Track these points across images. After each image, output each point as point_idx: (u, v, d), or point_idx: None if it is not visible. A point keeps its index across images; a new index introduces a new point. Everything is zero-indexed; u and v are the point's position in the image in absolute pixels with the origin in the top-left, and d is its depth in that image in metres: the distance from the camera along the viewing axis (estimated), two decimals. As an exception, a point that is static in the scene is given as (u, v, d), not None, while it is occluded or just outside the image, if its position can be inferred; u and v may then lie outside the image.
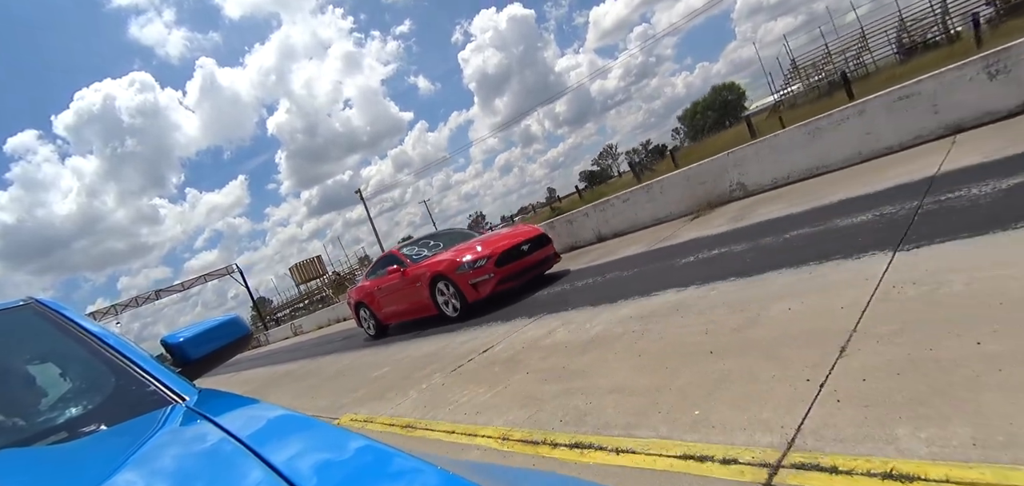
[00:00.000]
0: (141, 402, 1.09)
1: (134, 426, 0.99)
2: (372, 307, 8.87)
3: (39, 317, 1.43)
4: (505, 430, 2.95)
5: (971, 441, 1.54)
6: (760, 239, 5.19)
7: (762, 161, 8.20)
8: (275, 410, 0.95)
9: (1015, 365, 1.78)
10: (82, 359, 1.32)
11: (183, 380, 1.18)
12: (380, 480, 0.63)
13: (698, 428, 2.17)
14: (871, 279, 3.01)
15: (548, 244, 7.91)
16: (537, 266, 7.68)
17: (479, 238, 8.11)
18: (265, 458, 0.67)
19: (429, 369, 5.31)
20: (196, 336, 1.48)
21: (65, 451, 0.95)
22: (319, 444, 0.77)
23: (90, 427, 1.05)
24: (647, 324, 3.86)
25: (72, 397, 1.27)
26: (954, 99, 6.64)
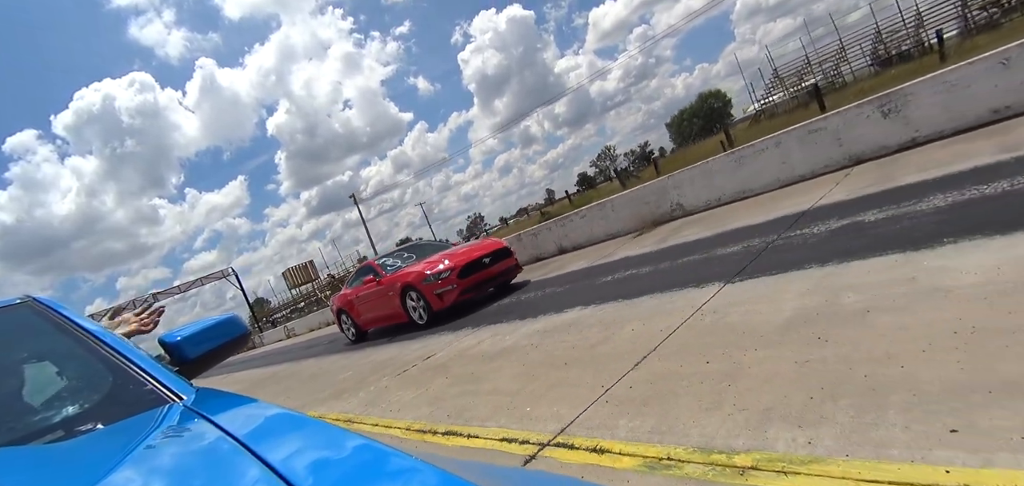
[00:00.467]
0: (138, 401, 1.11)
1: (131, 425, 1.00)
2: (352, 314, 9.66)
3: (36, 315, 1.44)
4: (409, 423, 3.84)
5: (651, 430, 2.42)
6: (662, 263, 6.08)
7: (696, 185, 9.08)
8: (273, 409, 0.96)
9: (710, 380, 2.66)
10: (79, 358, 1.33)
11: (181, 379, 1.19)
12: (379, 480, 0.63)
13: (523, 420, 3.06)
14: (692, 307, 3.89)
15: (509, 257, 8.69)
16: (498, 277, 8.47)
17: (447, 251, 8.86)
18: (263, 457, 0.68)
19: (382, 373, 6.20)
20: (194, 335, 1.50)
21: (62, 450, 0.95)
22: (317, 443, 0.78)
23: (87, 426, 1.06)
24: (544, 338, 4.74)
25: (69, 396, 1.28)
26: (855, 134, 7.52)
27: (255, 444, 0.73)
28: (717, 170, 8.81)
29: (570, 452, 2.48)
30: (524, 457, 2.58)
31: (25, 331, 1.43)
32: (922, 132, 7.08)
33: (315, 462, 0.70)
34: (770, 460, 1.88)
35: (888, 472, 1.62)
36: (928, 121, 7.00)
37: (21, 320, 1.44)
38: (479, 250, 8.49)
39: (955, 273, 2.80)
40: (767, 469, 1.84)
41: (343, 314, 10.01)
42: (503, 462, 2.60)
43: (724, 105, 63.23)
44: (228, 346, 1.58)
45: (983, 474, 1.48)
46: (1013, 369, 1.85)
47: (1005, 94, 6.45)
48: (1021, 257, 2.69)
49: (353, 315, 9.65)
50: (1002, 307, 2.29)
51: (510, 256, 8.74)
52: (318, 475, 0.65)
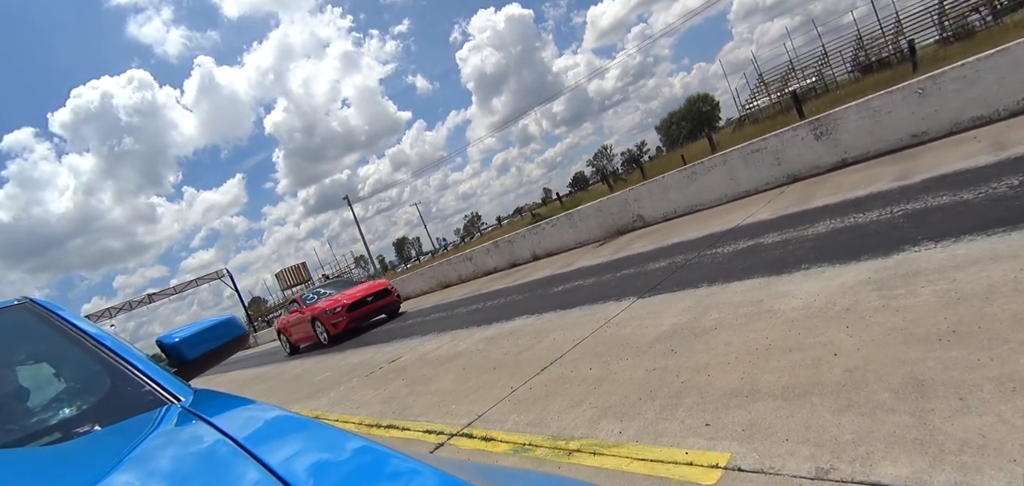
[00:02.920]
0: (136, 402, 1.11)
1: (129, 426, 1.00)
2: (286, 335, 12.81)
3: (33, 317, 1.43)
4: (361, 419, 4.51)
5: (528, 422, 3.09)
6: (605, 275, 6.75)
7: (654, 198, 9.76)
8: (271, 410, 0.96)
9: (585, 382, 3.33)
10: (76, 359, 1.33)
11: (178, 380, 1.19)
12: (378, 481, 0.63)
13: (446, 416, 3.73)
14: (604, 319, 4.57)
15: (389, 295, 11.61)
16: (380, 310, 11.40)
17: (348, 290, 11.65)
18: (261, 459, 0.68)
19: (353, 375, 6.87)
20: (192, 336, 1.50)
21: (59, 452, 0.96)
22: (316, 445, 0.78)
23: (84, 427, 1.06)
24: (489, 345, 5.41)
25: (66, 397, 1.28)
26: (792, 154, 8.20)
27: (253, 446, 0.73)
28: (672, 185, 9.48)
29: (468, 440, 3.16)
30: (434, 445, 3.26)
31: (22, 333, 1.43)
32: (850, 154, 7.76)
33: (314, 464, 0.70)
34: (591, 445, 2.55)
35: (653, 453, 2.29)
36: (856, 144, 7.68)
37: (18, 321, 1.44)
38: (364, 291, 11.33)
39: (789, 298, 3.47)
40: (585, 451, 2.51)
41: (281, 334, 13.14)
42: (416, 449, 3.28)
43: (712, 109, 64.06)
44: (226, 347, 1.59)
45: (705, 455, 2.15)
46: (770, 379, 2.52)
47: (921, 121, 7.14)
48: (837, 287, 3.36)
49: (287, 335, 12.75)
50: (798, 329, 2.96)
51: (390, 294, 11.67)
52: (317, 477, 0.66)
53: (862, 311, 2.88)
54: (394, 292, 11.80)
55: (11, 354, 1.44)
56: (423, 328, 8.56)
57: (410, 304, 14.82)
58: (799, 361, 2.59)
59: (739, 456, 2.05)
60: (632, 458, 2.31)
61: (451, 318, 8.56)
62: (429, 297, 14.44)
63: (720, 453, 2.11)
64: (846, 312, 2.95)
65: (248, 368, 14.50)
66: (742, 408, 2.37)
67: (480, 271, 13.58)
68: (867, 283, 3.24)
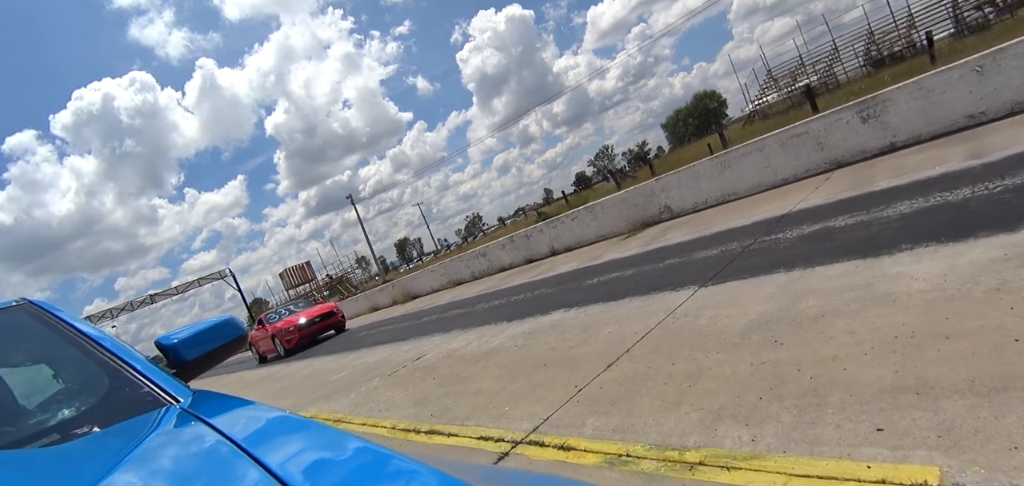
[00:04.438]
0: (135, 404, 1.11)
1: (128, 428, 0.99)
2: (256, 347, 14.71)
3: (32, 318, 1.42)
4: (394, 422, 3.99)
5: (614, 428, 2.58)
6: (646, 266, 6.24)
7: (684, 188, 9.25)
8: (271, 411, 0.95)
9: (674, 380, 2.82)
10: (75, 360, 1.32)
11: (177, 382, 1.19)
12: (378, 481, 0.63)
13: (500, 420, 3.21)
14: (667, 311, 4.05)
15: (334, 316, 13.94)
16: (327, 328, 13.60)
17: (303, 311, 13.97)
18: (260, 460, 0.67)
19: (373, 374, 6.35)
20: (190, 337, 1.49)
21: (58, 453, 0.95)
22: (315, 446, 0.77)
23: (83, 429, 1.06)
24: (528, 340, 4.90)
25: (65, 399, 1.26)
26: (835, 139, 7.70)
27: (253, 447, 0.73)
28: (703, 174, 8.98)
29: (538, 449, 2.64)
30: (497, 454, 2.74)
31: (20, 334, 1.41)
32: (900, 137, 7.26)
33: (314, 465, 0.70)
34: (717, 456, 2.04)
35: (818, 467, 1.78)
36: (906, 127, 7.18)
37: (16, 322, 1.42)
38: (313, 314, 13.60)
39: (905, 280, 2.96)
40: (713, 464, 2.00)
41: (251, 346, 14.93)
42: (477, 459, 2.76)
43: (719, 105, 63.55)
44: (225, 348, 1.57)
45: (900, 469, 1.64)
46: (940, 373, 2.01)
47: (979, 101, 6.64)
48: (967, 265, 2.85)
49: (256, 347, 14.66)
50: (942, 313, 2.45)
51: (335, 315, 14.02)
52: (317, 478, 0.65)
53: (1018, 289, 2.38)
54: (339, 313, 14.40)
55: (9, 356, 1.43)
56: (443, 325, 8.04)
57: (421, 302, 14.29)
58: (970, 349, 2.08)
59: (954, 470, 1.54)
60: (790, 475, 1.79)
61: (472, 314, 8.03)
62: (441, 294, 13.91)
63: (924, 467, 1.59)
64: (998, 291, 2.45)
65: (254, 368, 13.95)
66: (920, 408, 1.85)
67: (494, 267, 13.05)
68: (1005, 260, 2.74)
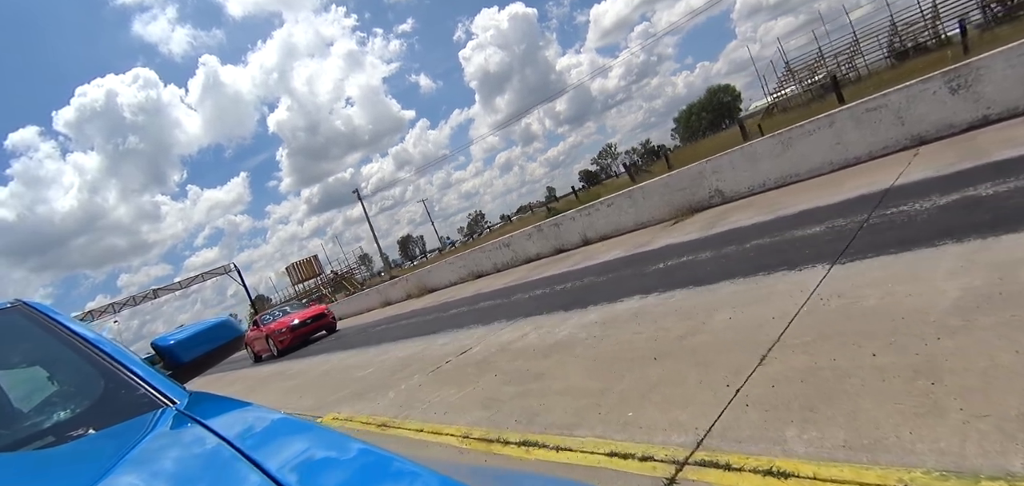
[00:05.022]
0: (130, 406, 1.09)
1: (123, 430, 0.98)
2: (251, 347, 14.55)
3: (26, 319, 1.39)
4: (466, 430, 3.20)
5: (842, 443, 1.79)
6: (724, 248, 5.45)
7: (738, 169, 8.47)
8: (268, 413, 0.94)
9: (895, 376, 2.03)
10: (70, 362, 1.30)
11: (173, 383, 1.17)
12: (379, 484, 0.62)
13: (628, 428, 2.43)
14: (804, 291, 3.27)
15: (325, 318, 14.17)
16: (318, 330, 13.92)
17: (297, 312, 14.20)
18: (258, 462, 0.66)
19: (408, 370, 5.56)
20: (187, 339, 1.48)
21: (52, 456, 0.94)
22: (313, 447, 0.76)
23: (78, 431, 1.04)
24: (607, 330, 4.11)
25: (60, 401, 1.25)
26: (918, 112, 6.91)
27: (250, 449, 0.72)
28: (761, 153, 8.19)
29: (728, 474, 1.85)
30: (663, 480, 1.95)
31: (15, 335, 1.39)
32: (994, 109, 6.47)
33: (311, 467, 0.69)
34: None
35: None
36: (1002, 98, 6.40)
37: (11, 324, 1.39)
38: (305, 315, 13.87)
39: None
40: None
41: (247, 346, 14.73)
42: (628, 485, 1.98)
43: (733, 99, 62.40)
44: (221, 349, 1.54)
45: None
46: None
47: (1093, 65, 5.87)
48: None
49: (252, 348, 14.59)
50: None
51: (326, 317, 14.27)
52: (315, 480, 0.65)
53: None
54: (330, 315, 14.68)
55: (4, 357, 1.42)
56: (478, 317, 7.25)
57: (439, 296, 13.49)
58: None
59: None
60: None
61: (513, 305, 7.24)
62: (462, 288, 13.10)
63: None
64: None
65: (262, 365, 13.18)
66: None
67: (520, 258, 12.24)
68: None
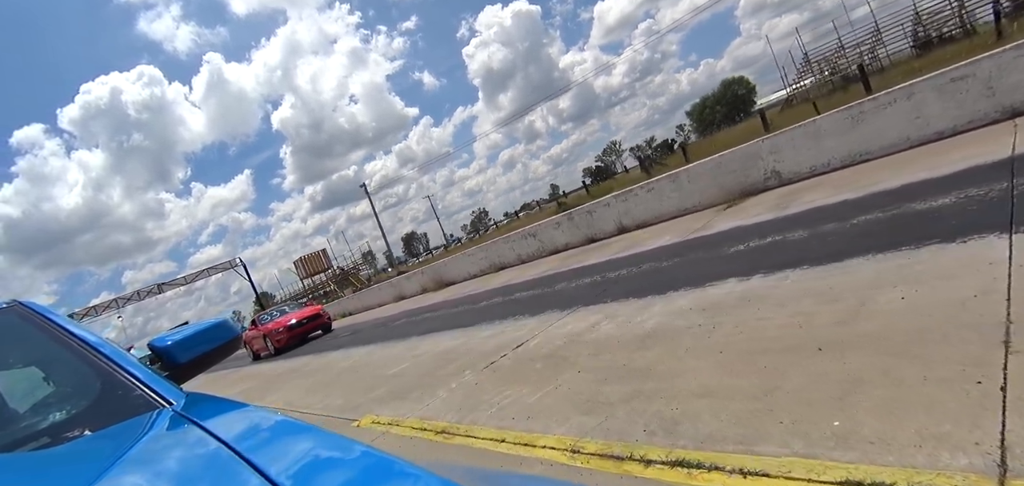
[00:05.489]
0: (127, 407, 1.07)
1: (119, 431, 0.97)
2: (249, 345, 14.86)
3: (23, 320, 1.37)
4: (573, 441, 2.50)
5: None
6: (819, 226, 4.74)
7: (798, 148, 7.75)
8: (265, 414, 0.93)
9: None
10: (67, 363, 1.29)
11: (170, 384, 1.15)
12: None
13: (850, 444, 1.73)
14: (996, 263, 2.57)
15: (321, 318, 14.63)
16: (314, 329, 14.23)
17: (294, 312, 14.57)
18: (255, 464, 0.65)
19: (455, 365, 4.88)
20: (183, 340, 1.45)
21: (48, 457, 0.94)
22: (311, 449, 0.75)
23: (74, 432, 1.03)
24: (716, 317, 3.41)
25: (56, 402, 1.24)
26: (1011, 81, 6.19)
27: (248, 451, 0.70)
28: (827, 130, 7.47)
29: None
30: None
31: (11, 336, 1.37)
32: (1103, 76, 5.76)
33: (309, 468, 0.68)
34: None
35: None
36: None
37: (7, 325, 1.37)
38: (301, 315, 14.19)
39: None
40: None
41: (246, 345, 14.96)
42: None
43: (748, 92, 61.24)
44: (218, 350, 1.51)
45: None
46: None
47: None
48: None
49: (250, 346, 14.84)
50: None
51: (321, 317, 14.69)
52: (314, 483, 0.64)
53: None
54: (325, 315, 15.05)
55: (0, 358, 1.40)
56: (523, 307, 6.55)
57: (460, 289, 12.79)
58: None
59: None
60: None
61: (559, 294, 6.55)
62: (484, 280, 12.37)
63: None
64: None
65: (273, 361, 12.52)
66: None
67: (547, 249, 11.52)
68: None
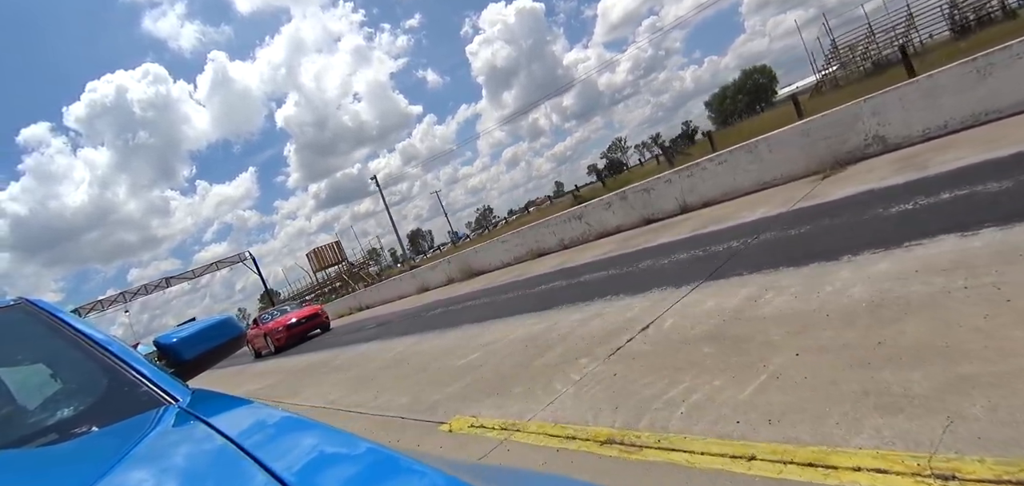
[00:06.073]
0: (133, 403, 1.06)
1: (126, 427, 0.97)
2: (252, 345, 15.13)
3: (29, 317, 1.38)
4: (914, 459, 1.51)
5: None
6: (985, 184, 3.74)
7: (909, 108, 6.74)
8: (271, 411, 0.92)
9: None
10: (73, 360, 1.28)
11: (176, 381, 1.14)
12: (383, 484, 0.59)
13: None
14: None
15: (320, 317, 14.89)
16: (313, 328, 14.50)
17: (293, 311, 14.86)
18: (261, 461, 0.64)
19: (555, 354, 3.90)
20: (189, 337, 1.45)
21: (56, 453, 0.93)
22: (318, 446, 0.73)
23: (81, 428, 1.02)
24: (974, 278, 2.43)
25: (63, 398, 1.21)
26: None
27: (253, 447, 0.70)
28: (945, 87, 6.46)
29: None
30: None
31: (18, 333, 1.37)
32: None
33: (315, 465, 0.67)
34: None
35: None
36: None
37: (13, 322, 1.38)
38: (300, 315, 14.38)
39: None
40: None
41: (248, 343, 15.17)
42: None
43: (770, 80, 59.72)
44: (223, 347, 1.52)
45: None
46: None
47: None
48: None
49: (252, 344, 15.07)
50: None
51: (320, 317, 14.93)
52: (318, 479, 0.63)
53: None
54: (323, 314, 15.31)
55: (7, 355, 1.40)
56: (609, 287, 5.55)
57: (497, 277, 11.77)
58: None
59: None
60: None
61: (648, 273, 5.56)
62: (525, 267, 11.27)
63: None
64: None
65: (299, 355, 11.57)
66: None
67: (595, 232, 10.50)
68: None
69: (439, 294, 13.65)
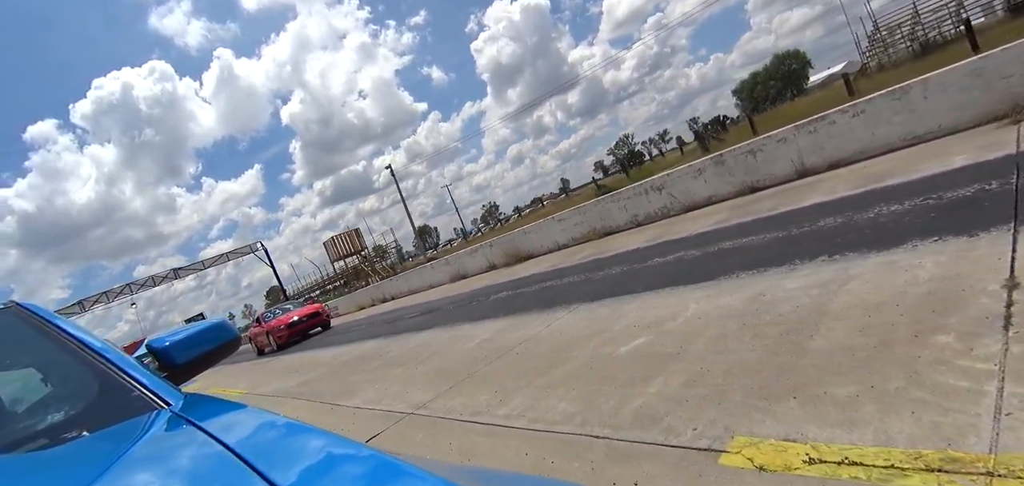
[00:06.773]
0: (125, 407, 1.04)
1: (117, 432, 0.95)
2: (255, 342, 15.91)
3: (20, 321, 1.36)
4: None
5: None
6: None
7: None
8: (265, 415, 0.90)
9: None
10: (64, 364, 1.26)
11: (168, 385, 1.12)
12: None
13: None
14: None
15: (320, 316, 15.19)
16: (314, 327, 14.80)
17: (295, 310, 15.12)
18: (254, 466, 0.62)
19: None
20: (182, 340, 1.41)
21: (46, 458, 0.92)
22: (313, 451, 0.72)
23: (72, 433, 1.01)
24: None
25: (54, 403, 1.21)
26: None
27: (247, 452, 0.68)
28: None
29: None
30: None
31: (8, 337, 1.35)
32: None
33: (311, 471, 0.65)
34: None
35: None
36: None
37: (4, 326, 1.36)
38: (301, 313, 14.74)
39: None
40: None
41: (251, 341, 16.12)
42: None
43: (802, 66, 58.12)
44: (217, 351, 1.48)
45: None
46: None
47: None
48: None
49: (256, 343, 15.77)
50: None
51: (321, 315, 15.27)
52: (314, 484, 0.61)
53: None
54: (324, 313, 15.64)
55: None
56: (785, 254, 4.20)
57: (553, 260, 10.36)
58: None
59: None
60: None
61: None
62: (591, 247, 9.90)
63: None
64: None
65: (319, 348, 10.26)
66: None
67: (678, 206, 9.11)
68: None
69: (486, 280, 12.27)
